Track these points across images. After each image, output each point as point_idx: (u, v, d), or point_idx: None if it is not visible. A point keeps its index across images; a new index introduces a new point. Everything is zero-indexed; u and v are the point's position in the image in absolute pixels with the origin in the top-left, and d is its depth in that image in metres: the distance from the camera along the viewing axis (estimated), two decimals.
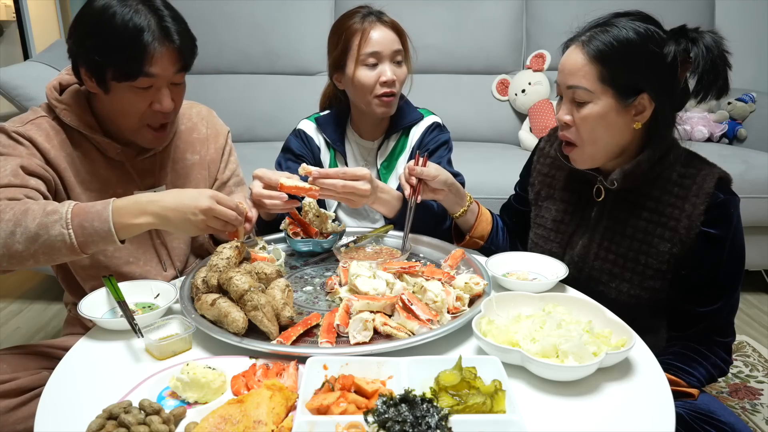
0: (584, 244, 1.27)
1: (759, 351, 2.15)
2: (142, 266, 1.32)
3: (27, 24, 4.48)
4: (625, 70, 1.11)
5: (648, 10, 1.16)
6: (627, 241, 1.21)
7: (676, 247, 1.16)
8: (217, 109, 1.54)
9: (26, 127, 1.21)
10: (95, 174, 1.27)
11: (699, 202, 1.14)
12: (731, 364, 1.21)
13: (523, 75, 2.91)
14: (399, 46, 1.49)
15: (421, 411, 0.71)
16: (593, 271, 1.25)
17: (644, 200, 1.20)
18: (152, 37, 1.13)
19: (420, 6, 2.96)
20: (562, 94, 1.19)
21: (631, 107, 1.13)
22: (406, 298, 1.02)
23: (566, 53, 1.17)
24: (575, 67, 1.13)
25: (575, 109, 1.15)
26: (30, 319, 2.43)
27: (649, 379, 0.92)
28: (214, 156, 1.45)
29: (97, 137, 1.25)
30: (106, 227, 1.04)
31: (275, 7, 2.97)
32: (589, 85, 1.12)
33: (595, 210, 1.26)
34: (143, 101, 1.18)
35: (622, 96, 1.12)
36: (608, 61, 1.11)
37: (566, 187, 1.33)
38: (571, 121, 1.17)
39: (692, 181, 1.16)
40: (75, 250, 1.04)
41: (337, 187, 1.26)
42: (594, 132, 1.15)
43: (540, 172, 1.40)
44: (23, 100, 2.29)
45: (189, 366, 0.85)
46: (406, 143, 1.61)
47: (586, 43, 1.13)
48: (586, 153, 1.19)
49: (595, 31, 1.14)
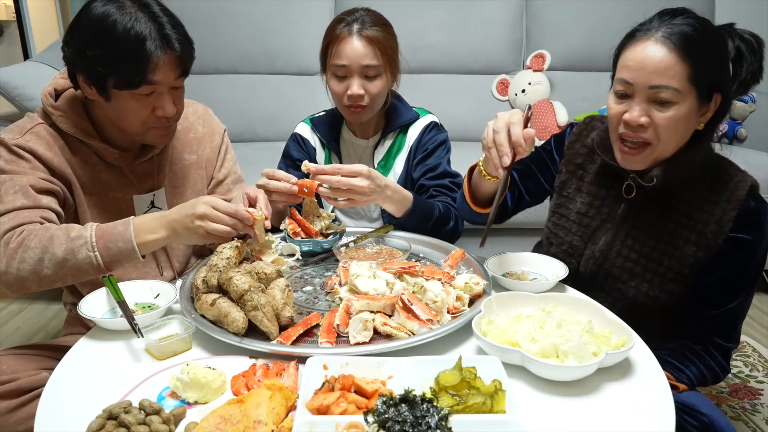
0: (607, 240, 1.23)
1: (759, 351, 2.15)
2: (140, 268, 1.32)
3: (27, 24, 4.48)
4: (711, 69, 1.06)
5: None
6: (652, 241, 1.19)
7: (701, 252, 1.14)
8: (218, 109, 1.54)
9: (26, 137, 1.20)
10: (95, 178, 1.28)
11: (730, 208, 1.12)
12: (728, 372, 1.19)
13: (523, 75, 2.91)
14: (371, 61, 1.45)
15: (421, 411, 0.71)
16: (614, 268, 1.22)
17: (675, 201, 1.17)
18: (154, 46, 1.13)
19: (420, 6, 2.96)
20: (634, 92, 1.08)
21: (704, 107, 1.09)
22: (406, 298, 1.02)
23: (641, 48, 1.07)
24: (663, 66, 1.04)
25: (655, 110, 1.07)
26: (30, 319, 2.43)
27: (649, 379, 0.92)
28: (211, 155, 1.45)
29: (94, 143, 1.25)
30: (130, 246, 1.11)
31: (275, 7, 2.97)
32: (679, 86, 1.04)
33: (623, 207, 1.23)
34: (145, 108, 1.19)
35: (702, 96, 1.07)
36: (697, 59, 1.04)
37: (595, 180, 1.28)
38: (648, 122, 1.08)
39: (724, 187, 1.13)
40: (102, 270, 1.11)
41: (334, 183, 1.27)
42: (673, 134, 1.09)
43: (571, 160, 1.33)
44: (23, 100, 2.29)
45: (189, 366, 0.85)
46: (404, 142, 1.61)
47: (668, 39, 1.04)
48: (656, 153, 1.12)
49: (675, 25, 1.05)
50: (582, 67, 2.99)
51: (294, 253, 1.34)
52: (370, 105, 1.49)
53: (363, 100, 1.48)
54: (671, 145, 1.11)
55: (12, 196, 1.14)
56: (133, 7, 1.13)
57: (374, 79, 1.47)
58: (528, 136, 1.09)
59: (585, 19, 2.94)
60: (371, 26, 1.46)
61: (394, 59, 1.51)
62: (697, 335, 1.17)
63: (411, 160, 1.60)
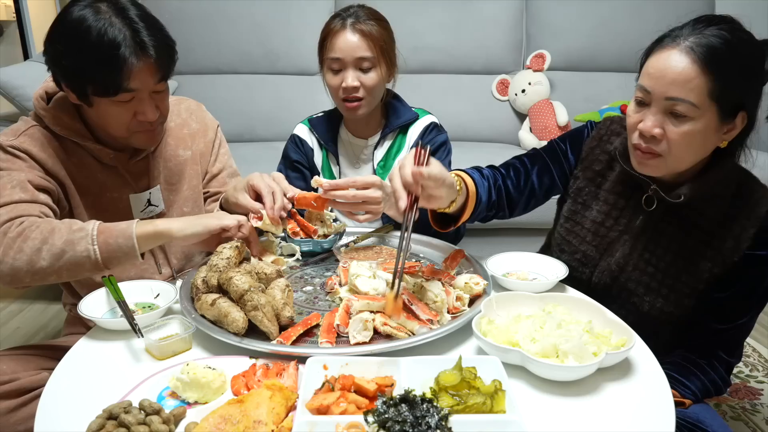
0: (624, 252, 1.19)
1: (759, 351, 2.15)
2: (138, 266, 1.32)
3: (27, 24, 4.48)
4: (737, 86, 1.00)
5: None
6: (670, 256, 1.15)
7: (717, 268, 1.11)
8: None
9: (20, 139, 1.20)
10: (91, 179, 1.27)
11: (749, 225, 1.09)
12: (729, 385, 1.18)
13: (523, 75, 2.91)
14: (364, 53, 1.46)
15: (421, 411, 0.71)
16: (629, 282, 1.19)
17: (696, 216, 1.12)
18: (129, 53, 1.10)
19: (420, 6, 2.96)
20: (651, 101, 1.04)
21: (727, 125, 1.03)
22: (406, 298, 1.02)
23: (664, 57, 1.01)
24: (683, 78, 0.98)
25: (669, 122, 1.02)
26: (30, 319, 2.43)
27: (649, 379, 0.92)
28: (204, 149, 1.46)
29: (89, 144, 1.25)
30: (131, 243, 1.09)
31: (275, 7, 2.97)
32: (697, 101, 0.98)
33: (641, 219, 1.18)
34: (127, 113, 1.18)
35: (724, 113, 1.01)
36: (721, 75, 0.97)
37: (614, 189, 1.23)
38: (661, 134, 1.03)
39: (745, 203, 1.10)
40: (98, 266, 1.09)
41: (349, 197, 1.24)
42: (688, 149, 1.04)
43: (590, 166, 1.27)
44: (23, 100, 2.29)
45: (189, 366, 0.85)
46: (404, 143, 1.62)
47: (693, 50, 0.98)
48: (668, 165, 1.07)
49: (704, 36, 0.99)
50: (582, 67, 2.99)
51: (294, 253, 1.34)
52: (365, 99, 1.50)
53: (358, 92, 1.48)
54: (685, 160, 1.06)
55: (10, 190, 1.13)
56: (109, 12, 1.11)
57: (368, 71, 1.48)
58: (418, 173, 0.97)
59: (585, 19, 2.94)
60: (366, 20, 1.47)
61: (389, 52, 1.51)
62: (702, 348, 1.14)
63: None
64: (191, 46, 2.84)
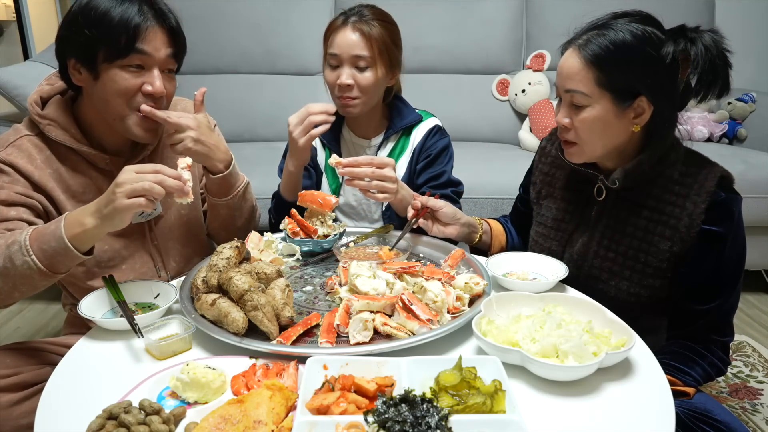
0: (584, 242, 1.27)
1: (759, 351, 2.15)
2: (137, 269, 1.32)
3: (27, 24, 4.48)
4: (622, 74, 1.11)
5: (648, 10, 1.15)
6: (627, 239, 1.22)
7: (676, 246, 1.16)
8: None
9: (7, 151, 1.19)
10: (86, 186, 1.26)
11: (700, 201, 1.14)
12: (729, 364, 1.21)
13: (523, 75, 2.91)
14: (361, 52, 1.46)
15: (421, 411, 0.71)
16: (593, 269, 1.26)
17: (645, 199, 1.20)
18: (145, 16, 1.15)
19: (420, 6, 2.96)
20: (561, 96, 1.19)
21: (630, 110, 1.13)
22: (406, 298, 1.02)
23: (564, 56, 1.17)
24: (572, 71, 1.14)
25: (573, 113, 1.16)
26: (30, 319, 2.43)
27: (649, 379, 0.92)
28: None
29: (83, 149, 1.24)
30: (63, 244, 1.02)
31: (275, 7, 2.97)
32: (587, 90, 1.12)
33: (596, 209, 1.27)
34: (134, 82, 1.17)
35: (620, 99, 1.12)
36: (605, 66, 1.11)
37: (567, 186, 1.34)
38: (569, 124, 1.17)
39: (693, 180, 1.16)
40: (46, 274, 1.03)
41: (368, 174, 1.31)
42: (593, 134, 1.16)
43: (542, 171, 1.42)
44: (23, 100, 2.29)
45: (189, 366, 0.85)
46: (407, 144, 1.61)
47: (582, 47, 1.13)
48: (585, 151, 1.20)
49: (592, 35, 1.13)
50: None
51: (294, 253, 1.34)
52: (360, 98, 1.49)
53: (352, 91, 1.48)
54: (597, 144, 1.17)
55: None
56: None
57: (365, 70, 1.47)
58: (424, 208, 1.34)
59: (585, 19, 2.93)
60: (369, 19, 1.47)
61: (390, 54, 1.50)
62: (695, 334, 1.17)
63: (413, 164, 1.60)
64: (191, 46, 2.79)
